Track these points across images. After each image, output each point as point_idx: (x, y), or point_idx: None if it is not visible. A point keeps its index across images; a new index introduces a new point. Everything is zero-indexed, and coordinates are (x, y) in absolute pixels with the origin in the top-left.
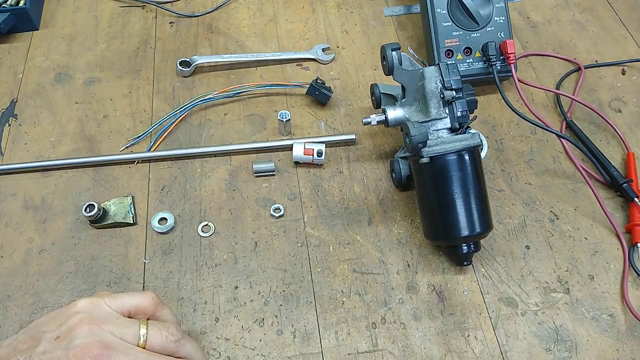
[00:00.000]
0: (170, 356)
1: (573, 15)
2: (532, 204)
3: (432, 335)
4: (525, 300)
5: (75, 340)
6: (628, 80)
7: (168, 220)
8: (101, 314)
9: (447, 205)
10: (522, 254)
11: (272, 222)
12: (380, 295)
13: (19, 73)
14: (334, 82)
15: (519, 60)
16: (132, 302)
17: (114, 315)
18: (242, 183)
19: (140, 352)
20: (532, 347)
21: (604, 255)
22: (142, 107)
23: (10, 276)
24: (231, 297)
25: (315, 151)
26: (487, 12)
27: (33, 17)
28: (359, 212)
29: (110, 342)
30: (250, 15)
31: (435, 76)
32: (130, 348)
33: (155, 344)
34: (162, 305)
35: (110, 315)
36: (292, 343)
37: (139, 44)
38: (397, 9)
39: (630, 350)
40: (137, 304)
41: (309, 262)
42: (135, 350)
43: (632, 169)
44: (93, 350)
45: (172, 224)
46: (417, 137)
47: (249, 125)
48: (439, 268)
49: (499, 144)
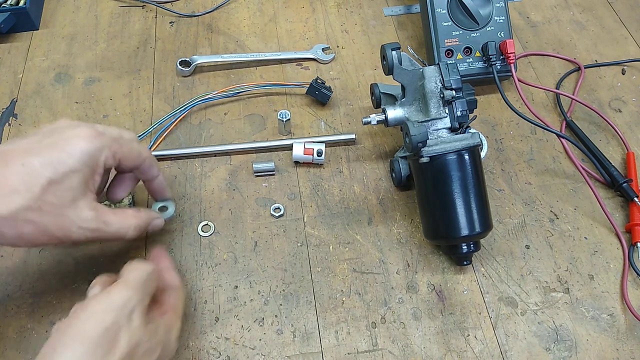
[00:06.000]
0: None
1: (573, 15)
2: (532, 204)
3: (432, 335)
4: (525, 299)
5: (65, 130)
6: (628, 80)
7: (169, 208)
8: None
9: (446, 204)
10: (522, 254)
11: (272, 221)
12: (380, 295)
13: (19, 73)
14: (334, 81)
15: (519, 60)
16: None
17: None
18: (242, 183)
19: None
20: (532, 346)
21: (604, 255)
22: (142, 107)
23: (10, 276)
24: (231, 296)
25: (315, 151)
26: (487, 12)
27: (33, 17)
28: (358, 212)
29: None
30: (250, 15)
31: (435, 76)
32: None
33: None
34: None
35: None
36: (292, 342)
37: (139, 44)
38: (397, 9)
39: (630, 350)
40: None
41: (309, 261)
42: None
43: (632, 168)
44: (85, 130)
45: (172, 213)
46: (417, 136)
47: (249, 125)
48: (439, 268)
49: (498, 143)
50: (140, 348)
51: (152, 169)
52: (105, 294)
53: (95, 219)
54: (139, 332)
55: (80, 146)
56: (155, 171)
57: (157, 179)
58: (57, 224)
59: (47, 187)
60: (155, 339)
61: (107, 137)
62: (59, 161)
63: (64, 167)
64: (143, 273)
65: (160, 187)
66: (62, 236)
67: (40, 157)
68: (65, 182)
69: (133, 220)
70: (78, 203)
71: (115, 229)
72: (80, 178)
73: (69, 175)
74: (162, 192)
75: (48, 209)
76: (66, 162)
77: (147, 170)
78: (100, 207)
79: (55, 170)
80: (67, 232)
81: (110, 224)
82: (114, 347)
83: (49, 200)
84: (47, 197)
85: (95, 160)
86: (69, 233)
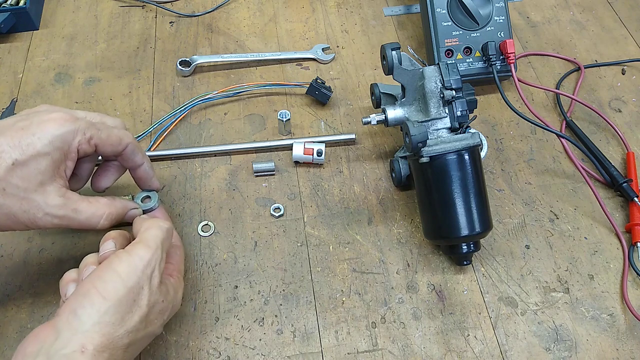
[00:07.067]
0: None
1: (573, 15)
2: (532, 204)
3: (431, 335)
4: (525, 299)
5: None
6: (628, 80)
7: (152, 199)
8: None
9: (446, 204)
10: (522, 254)
11: (272, 221)
12: (380, 295)
13: (19, 73)
14: (334, 81)
15: (519, 60)
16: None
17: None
18: (242, 183)
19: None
20: (531, 346)
21: (604, 255)
22: (142, 107)
23: (10, 276)
24: (231, 296)
25: (315, 151)
26: (487, 12)
27: (33, 17)
28: (358, 212)
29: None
30: (250, 15)
31: (435, 76)
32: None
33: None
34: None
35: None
36: (292, 342)
37: (139, 44)
38: (397, 9)
39: (630, 349)
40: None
41: (309, 261)
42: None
43: (632, 168)
44: (59, 115)
45: (155, 204)
46: (416, 136)
47: (249, 124)
48: (439, 268)
49: (498, 143)
50: (155, 308)
51: (135, 156)
52: (126, 254)
53: (63, 205)
54: (156, 293)
55: (52, 129)
56: (139, 159)
57: (142, 167)
58: (22, 208)
59: (12, 168)
60: (167, 299)
61: (82, 122)
62: (27, 143)
63: (31, 150)
64: (161, 232)
65: (145, 175)
66: (27, 221)
67: (9, 137)
68: (32, 165)
69: (105, 209)
70: (46, 188)
71: (85, 217)
72: (48, 162)
73: (37, 158)
74: (147, 180)
75: (12, 191)
76: (35, 144)
77: (130, 157)
78: (70, 193)
79: (23, 152)
80: (33, 218)
81: (80, 212)
82: (135, 306)
83: (13, 182)
84: (11, 179)
85: (66, 144)
86: (35, 219)
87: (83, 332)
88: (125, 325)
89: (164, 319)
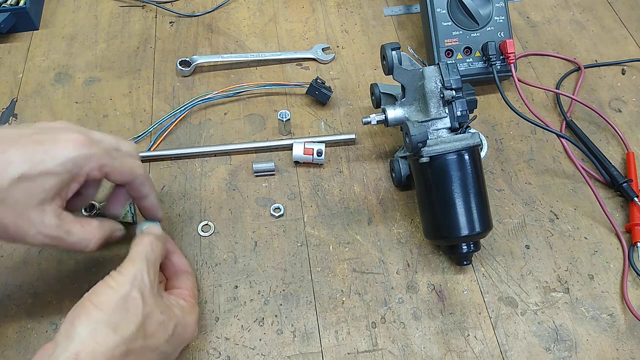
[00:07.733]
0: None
1: (573, 15)
2: (532, 204)
3: (431, 335)
4: (525, 299)
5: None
6: (628, 80)
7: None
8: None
9: (446, 204)
10: (522, 254)
11: (272, 221)
12: (380, 295)
13: (19, 73)
14: (334, 81)
15: (519, 60)
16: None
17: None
18: (242, 183)
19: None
20: (531, 346)
21: (604, 255)
22: (142, 107)
23: (10, 276)
24: (231, 296)
25: (315, 151)
26: (487, 12)
27: (33, 17)
28: (358, 212)
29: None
30: (250, 15)
31: (435, 76)
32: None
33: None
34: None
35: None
36: (292, 342)
37: (139, 44)
38: (397, 9)
39: (630, 349)
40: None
41: (309, 261)
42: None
43: (632, 168)
44: (77, 136)
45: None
46: (416, 136)
47: (249, 124)
48: (439, 268)
49: (498, 143)
50: (152, 319)
51: (142, 188)
52: (116, 272)
53: (58, 227)
54: (151, 304)
55: (67, 151)
56: (145, 190)
57: (148, 198)
58: (17, 222)
59: (18, 181)
60: (168, 314)
61: (98, 148)
62: (39, 160)
63: (42, 167)
64: (145, 246)
65: (151, 207)
66: (16, 236)
67: (22, 149)
68: (38, 182)
69: (96, 233)
70: (45, 207)
71: (76, 240)
72: (55, 182)
73: (45, 176)
74: (152, 212)
75: (11, 204)
76: (46, 162)
77: (138, 187)
78: (65, 214)
79: (32, 167)
80: (23, 234)
81: (71, 234)
82: (129, 314)
83: (15, 195)
84: (14, 192)
85: (78, 168)
86: (25, 235)
87: (78, 340)
88: (119, 333)
89: (169, 335)
